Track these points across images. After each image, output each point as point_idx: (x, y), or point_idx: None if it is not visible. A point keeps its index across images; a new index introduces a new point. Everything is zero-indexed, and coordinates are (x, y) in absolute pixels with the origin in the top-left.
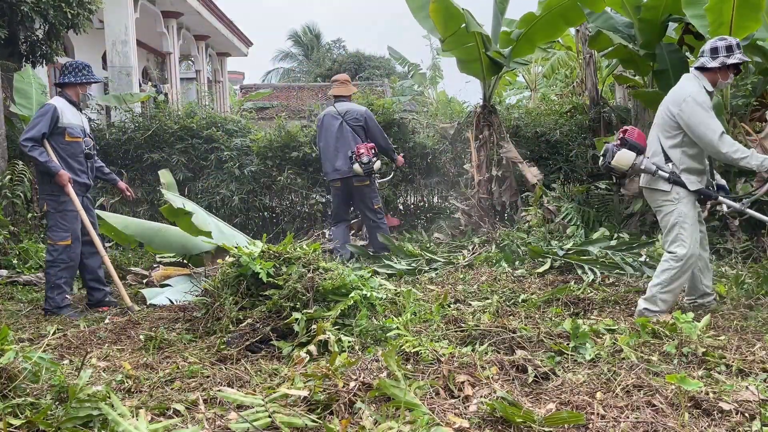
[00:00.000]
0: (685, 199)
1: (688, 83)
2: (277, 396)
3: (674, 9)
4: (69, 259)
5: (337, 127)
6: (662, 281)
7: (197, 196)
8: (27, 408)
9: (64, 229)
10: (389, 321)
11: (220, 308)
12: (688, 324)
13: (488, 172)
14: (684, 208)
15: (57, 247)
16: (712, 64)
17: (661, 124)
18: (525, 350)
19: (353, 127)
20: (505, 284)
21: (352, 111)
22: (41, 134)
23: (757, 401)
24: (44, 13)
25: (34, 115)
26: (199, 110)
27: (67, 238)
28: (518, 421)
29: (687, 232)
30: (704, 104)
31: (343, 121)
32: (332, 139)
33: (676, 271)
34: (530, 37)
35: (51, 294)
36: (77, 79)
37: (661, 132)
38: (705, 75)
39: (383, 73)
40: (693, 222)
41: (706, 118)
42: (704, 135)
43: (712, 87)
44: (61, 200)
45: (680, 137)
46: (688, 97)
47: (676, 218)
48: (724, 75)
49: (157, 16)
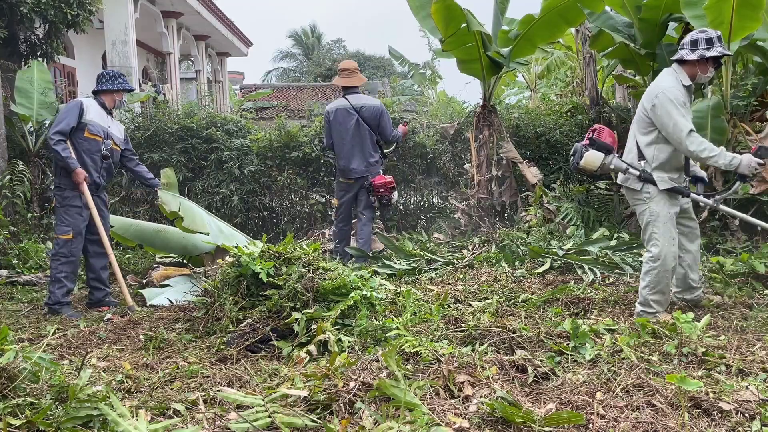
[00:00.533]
0: (657, 197)
1: (664, 78)
2: (277, 396)
3: (674, 9)
4: (69, 253)
5: (353, 124)
6: (648, 283)
7: (197, 196)
8: (27, 408)
9: (66, 223)
10: (389, 321)
11: (220, 308)
12: (688, 324)
13: (488, 172)
14: (656, 207)
15: (59, 241)
16: (691, 56)
17: (637, 120)
18: (525, 350)
19: (370, 124)
20: (505, 284)
21: (368, 107)
22: (70, 128)
23: (757, 401)
24: (44, 14)
25: (62, 110)
26: (199, 110)
27: (68, 232)
28: (518, 421)
29: (660, 231)
30: (676, 100)
31: (359, 118)
32: (348, 137)
33: (657, 270)
34: (530, 37)
35: (52, 288)
36: (114, 86)
37: (637, 129)
38: (684, 68)
39: (383, 73)
40: (666, 220)
41: (676, 114)
42: (673, 132)
43: (689, 81)
44: (66, 195)
45: (654, 134)
46: (660, 93)
47: (648, 217)
48: (704, 68)
49: (157, 16)
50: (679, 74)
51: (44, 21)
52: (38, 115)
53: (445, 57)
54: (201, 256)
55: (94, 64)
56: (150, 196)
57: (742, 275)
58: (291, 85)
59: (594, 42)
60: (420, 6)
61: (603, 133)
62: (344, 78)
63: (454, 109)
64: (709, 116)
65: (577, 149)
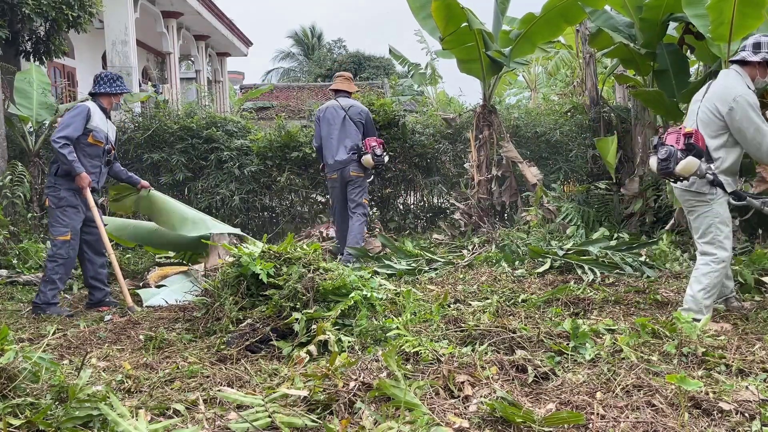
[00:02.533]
0: (721, 200)
1: (734, 82)
2: (277, 396)
3: (675, 8)
4: (66, 254)
5: (341, 119)
6: (705, 286)
7: (197, 196)
8: (27, 408)
9: (63, 224)
10: (389, 321)
11: (220, 308)
12: (688, 324)
13: (488, 172)
14: (719, 209)
15: (56, 242)
16: (753, 58)
17: (707, 123)
18: (525, 350)
19: (355, 122)
20: (505, 284)
21: (355, 107)
22: (76, 135)
23: (757, 401)
24: (45, 15)
25: (68, 114)
26: (199, 110)
27: (66, 233)
28: (518, 421)
29: (723, 233)
30: (755, 104)
31: (347, 115)
32: (335, 130)
33: (718, 273)
34: (530, 37)
35: (44, 288)
36: (112, 89)
37: (707, 132)
38: (745, 70)
39: (383, 73)
40: (728, 222)
41: (756, 119)
42: (753, 137)
43: (752, 84)
44: (61, 195)
45: (725, 137)
46: (738, 96)
47: (712, 219)
48: (763, 72)
49: (157, 16)
50: (744, 77)
51: (45, 20)
52: (38, 116)
53: (445, 57)
54: (198, 256)
55: (94, 64)
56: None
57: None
58: (291, 85)
59: (593, 41)
60: (420, 6)
61: (699, 138)
62: (339, 83)
63: (454, 109)
64: None
65: (671, 154)
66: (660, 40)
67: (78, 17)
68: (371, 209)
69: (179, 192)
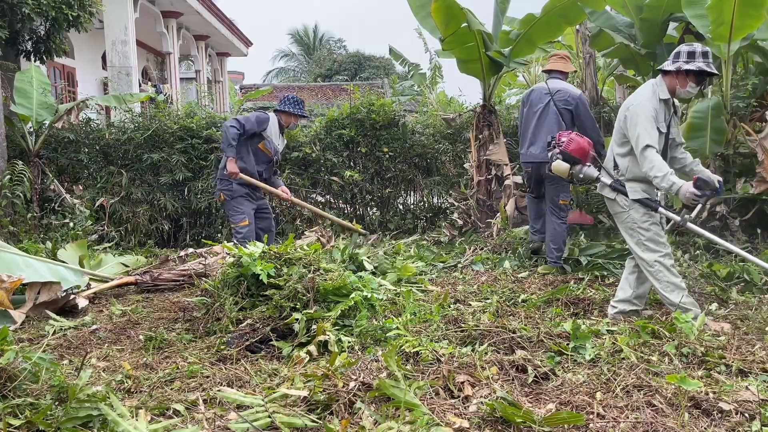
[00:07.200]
0: (636, 206)
1: (642, 90)
2: (276, 396)
3: (676, 8)
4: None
5: (543, 106)
6: (662, 286)
7: (197, 196)
8: (27, 408)
9: (240, 211)
10: (389, 321)
11: (220, 308)
12: (688, 324)
13: (488, 173)
14: (635, 215)
15: (239, 229)
16: (670, 67)
17: (616, 131)
18: (525, 350)
19: (560, 110)
20: (505, 284)
21: (563, 91)
22: (248, 128)
23: (757, 401)
24: (45, 14)
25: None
26: (198, 110)
27: (244, 218)
28: (518, 422)
29: (646, 236)
30: (646, 112)
31: (552, 101)
32: (533, 118)
33: (661, 272)
34: (530, 37)
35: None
36: (295, 110)
37: (614, 138)
38: (664, 79)
39: (383, 73)
40: (649, 226)
41: (640, 127)
42: (634, 145)
43: (668, 94)
44: (233, 188)
45: (629, 146)
46: (632, 105)
47: (631, 224)
48: (683, 82)
49: (157, 16)
50: (659, 87)
51: (45, 20)
52: (38, 116)
53: (445, 57)
54: None
55: (93, 64)
56: (150, 197)
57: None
58: (291, 85)
59: (594, 41)
60: (420, 6)
61: (570, 145)
62: (552, 62)
63: (454, 109)
64: (709, 116)
65: (552, 155)
66: (660, 40)
67: (78, 17)
68: (371, 209)
69: (179, 192)
